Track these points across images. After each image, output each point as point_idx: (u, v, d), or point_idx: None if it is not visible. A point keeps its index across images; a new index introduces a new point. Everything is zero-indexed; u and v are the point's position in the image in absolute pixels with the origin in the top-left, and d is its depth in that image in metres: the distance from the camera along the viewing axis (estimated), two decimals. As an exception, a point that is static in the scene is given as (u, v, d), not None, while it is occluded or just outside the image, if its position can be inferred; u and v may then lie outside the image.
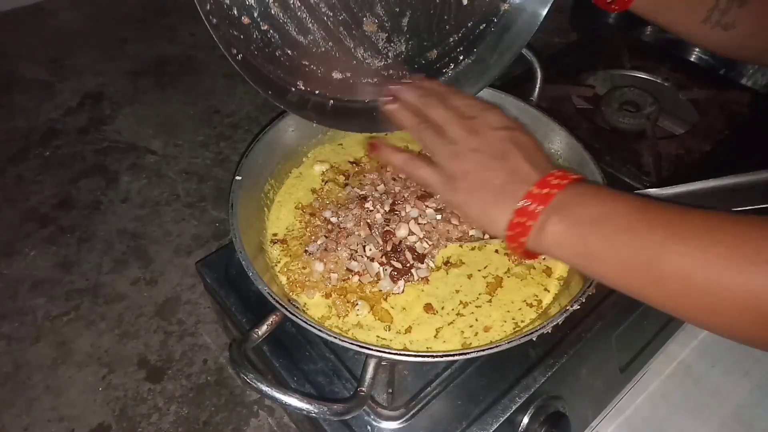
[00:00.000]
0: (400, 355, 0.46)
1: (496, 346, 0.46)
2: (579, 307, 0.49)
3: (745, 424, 0.71)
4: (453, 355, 0.49)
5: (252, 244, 0.56)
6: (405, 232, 0.59)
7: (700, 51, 1.05)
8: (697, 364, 0.76)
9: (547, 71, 0.70)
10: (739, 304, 0.36)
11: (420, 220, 0.61)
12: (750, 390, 0.74)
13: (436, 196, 0.64)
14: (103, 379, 0.72)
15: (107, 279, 0.84)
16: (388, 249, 0.58)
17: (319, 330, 0.46)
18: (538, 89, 0.69)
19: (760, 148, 0.80)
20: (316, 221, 0.63)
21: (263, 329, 0.50)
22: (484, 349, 0.46)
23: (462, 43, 0.57)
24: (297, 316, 0.47)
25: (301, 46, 0.54)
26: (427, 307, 0.56)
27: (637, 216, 0.41)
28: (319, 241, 0.60)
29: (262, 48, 0.53)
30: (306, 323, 0.46)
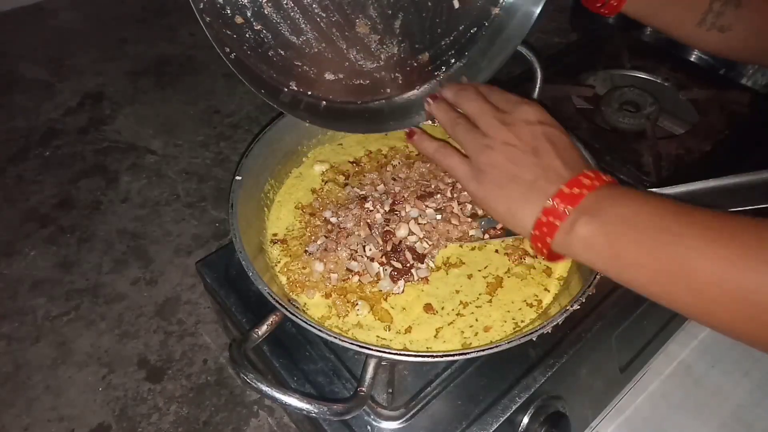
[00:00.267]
0: (400, 355, 0.46)
1: (496, 346, 0.46)
2: (579, 307, 0.49)
3: (745, 424, 0.71)
4: (453, 355, 0.49)
5: (252, 244, 0.56)
6: (405, 232, 0.59)
7: (699, 51, 1.05)
8: (697, 364, 0.76)
9: (547, 71, 0.70)
10: None
11: (420, 220, 0.61)
12: (750, 390, 0.74)
13: (436, 196, 0.64)
14: (103, 379, 0.72)
15: (107, 279, 0.84)
16: (388, 249, 0.58)
17: (319, 330, 0.46)
18: (538, 89, 0.69)
19: (760, 148, 0.80)
20: (316, 221, 0.63)
21: (263, 329, 0.50)
22: (484, 349, 0.46)
23: (454, 47, 0.58)
24: (297, 316, 0.47)
25: (294, 46, 0.54)
26: (427, 307, 0.56)
27: (672, 219, 0.39)
28: (319, 241, 0.60)
29: (254, 48, 0.53)
30: (306, 323, 0.46)
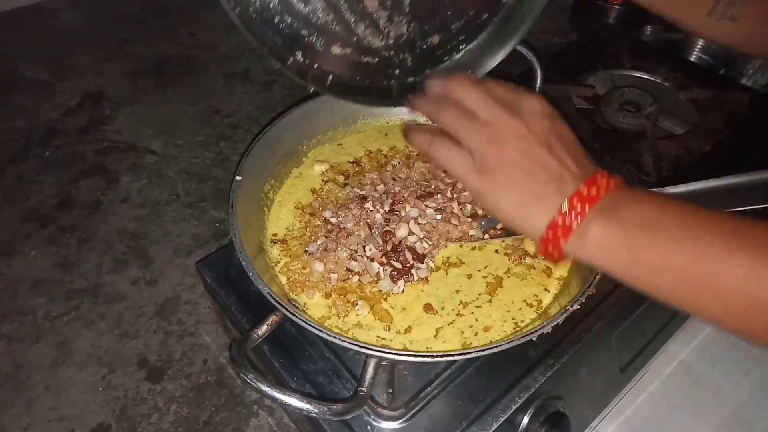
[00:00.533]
0: (400, 355, 0.46)
1: (496, 346, 0.46)
2: (579, 307, 0.49)
3: (745, 424, 0.71)
4: (453, 355, 0.49)
5: (252, 244, 0.56)
6: (405, 232, 0.59)
7: (700, 51, 1.05)
8: (697, 364, 0.76)
9: (547, 71, 0.70)
10: None
11: (420, 220, 0.61)
12: (750, 390, 0.74)
13: (436, 196, 0.64)
14: (103, 379, 0.72)
15: (107, 279, 0.84)
16: (388, 249, 0.58)
17: (319, 330, 0.46)
18: (538, 89, 0.69)
19: (760, 148, 0.80)
20: (316, 221, 0.63)
21: (263, 329, 0.50)
22: (484, 349, 0.46)
23: (464, 31, 0.56)
24: (297, 316, 0.47)
25: (301, 14, 0.52)
26: (427, 307, 0.56)
27: (694, 223, 0.37)
28: (319, 241, 0.60)
29: (260, 11, 0.52)
30: (306, 323, 0.46)
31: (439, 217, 0.62)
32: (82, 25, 1.35)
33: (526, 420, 0.55)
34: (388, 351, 0.46)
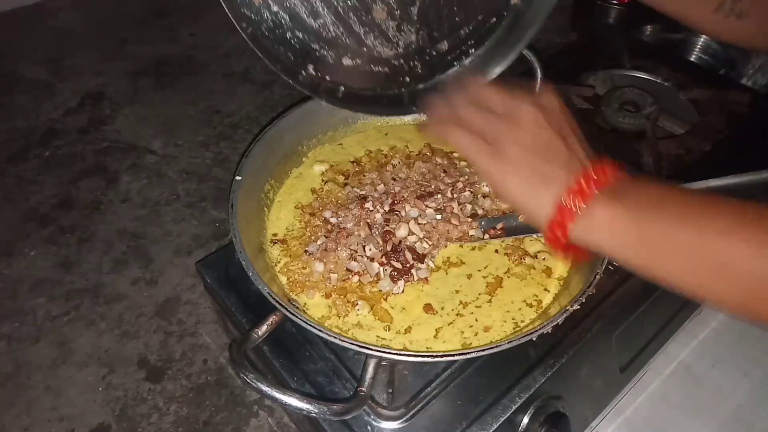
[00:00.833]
0: (401, 355, 0.46)
1: (496, 346, 0.46)
2: (579, 307, 0.49)
3: (745, 424, 0.71)
4: (453, 355, 0.49)
5: (252, 244, 0.56)
6: (405, 232, 0.59)
7: (700, 51, 1.05)
8: (697, 364, 0.76)
9: (547, 71, 0.70)
10: None
11: (420, 220, 0.61)
12: (750, 390, 0.74)
13: (436, 196, 0.64)
14: (103, 379, 0.72)
15: (107, 279, 0.84)
16: (388, 249, 0.58)
17: (319, 330, 0.46)
18: (538, 89, 0.69)
19: (760, 148, 0.80)
20: (316, 221, 0.63)
21: (263, 329, 0.50)
22: (484, 349, 0.46)
23: (473, 36, 0.57)
24: (297, 316, 0.47)
25: (311, 29, 0.53)
26: (427, 307, 0.56)
27: (697, 203, 0.38)
28: (318, 242, 0.60)
29: (272, 29, 0.53)
30: (306, 323, 0.46)
31: (439, 217, 0.62)
32: (82, 25, 1.35)
33: (526, 420, 0.55)
34: (388, 351, 0.46)
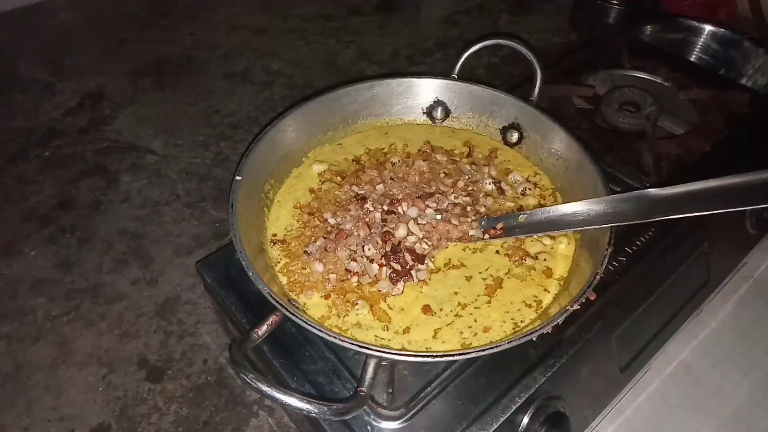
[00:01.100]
0: (401, 355, 0.46)
1: (496, 346, 0.46)
2: (579, 307, 0.49)
3: (745, 424, 0.71)
4: (453, 355, 0.49)
5: (252, 244, 0.56)
6: (404, 232, 0.59)
7: (700, 51, 1.05)
8: (697, 364, 0.76)
9: (547, 71, 0.70)
10: None
11: (420, 220, 0.61)
12: (750, 390, 0.74)
13: (436, 196, 0.64)
14: (103, 379, 0.72)
15: (107, 279, 0.84)
16: (388, 250, 0.58)
17: (319, 330, 0.46)
18: (538, 89, 0.69)
19: (760, 148, 0.80)
20: (315, 221, 0.63)
21: (263, 329, 0.50)
22: (484, 349, 0.46)
23: None
24: (297, 316, 0.47)
25: None
26: (426, 308, 0.56)
27: None
28: (318, 242, 0.60)
29: None
30: (306, 323, 0.46)
31: (438, 217, 0.62)
32: (82, 25, 1.35)
33: (526, 420, 0.55)
34: (388, 351, 0.46)
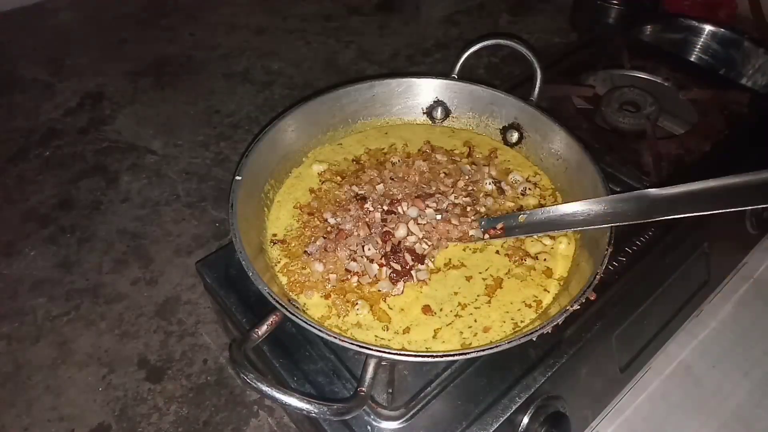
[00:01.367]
0: (401, 355, 0.46)
1: (496, 346, 0.46)
2: (579, 307, 0.49)
3: (745, 424, 0.71)
4: (453, 355, 0.49)
5: (252, 244, 0.56)
6: (404, 232, 0.59)
7: (700, 51, 1.05)
8: (697, 364, 0.76)
9: (547, 71, 0.70)
10: None
11: (420, 220, 0.61)
12: (750, 390, 0.74)
13: (436, 196, 0.64)
14: (103, 379, 0.72)
15: (107, 279, 0.84)
16: (388, 250, 0.58)
17: (319, 330, 0.46)
18: (537, 89, 0.69)
19: (760, 148, 0.80)
20: (315, 221, 0.63)
21: (263, 329, 0.50)
22: (483, 349, 0.46)
23: None
24: (297, 316, 0.47)
25: None
26: (426, 308, 0.56)
27: None
28: (318, 242, 0.60)
29: None
30: (306, 323, 0.46)
31: (438, 217, 0.62)
32: (82, 25, 1.35)
33: (526, 420, 0.55)
34: (388, 351, 0.46)
